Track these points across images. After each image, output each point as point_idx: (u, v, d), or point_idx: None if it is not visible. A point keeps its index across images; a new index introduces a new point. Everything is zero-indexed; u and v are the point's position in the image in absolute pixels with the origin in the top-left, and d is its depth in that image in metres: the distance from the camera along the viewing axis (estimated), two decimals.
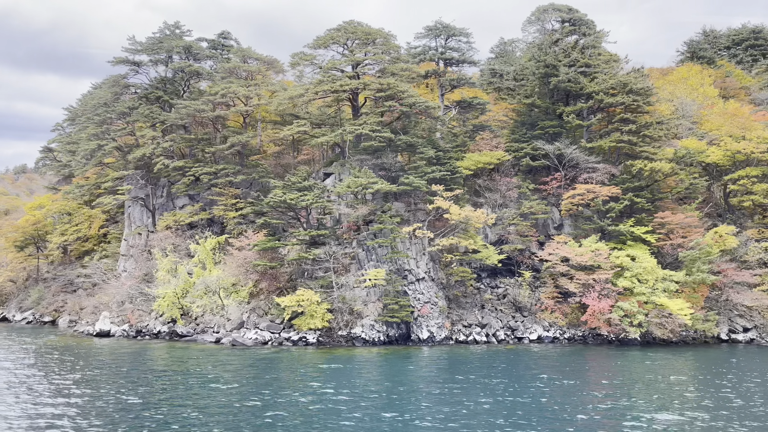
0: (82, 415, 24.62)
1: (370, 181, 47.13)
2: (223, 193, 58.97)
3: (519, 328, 52.11)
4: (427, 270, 49.73)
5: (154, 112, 61.58)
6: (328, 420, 24.16)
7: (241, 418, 24.23)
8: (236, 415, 24.66)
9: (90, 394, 28.76)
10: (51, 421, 23.48)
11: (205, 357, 40.89)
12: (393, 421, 24.05)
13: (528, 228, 55.02)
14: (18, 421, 23.46)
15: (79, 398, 27.76)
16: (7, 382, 31.75)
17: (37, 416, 24.27)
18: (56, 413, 24.74)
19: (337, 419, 24.30)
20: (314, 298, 44.78)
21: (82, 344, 49.08)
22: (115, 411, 25.32)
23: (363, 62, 51.77)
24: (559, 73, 57.52)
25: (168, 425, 23.05)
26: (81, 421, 23.57)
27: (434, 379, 33.98)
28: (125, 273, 62.91)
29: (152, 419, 23.82)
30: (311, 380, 32.72)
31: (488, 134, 62.76)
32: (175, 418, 24.00)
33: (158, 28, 67.93)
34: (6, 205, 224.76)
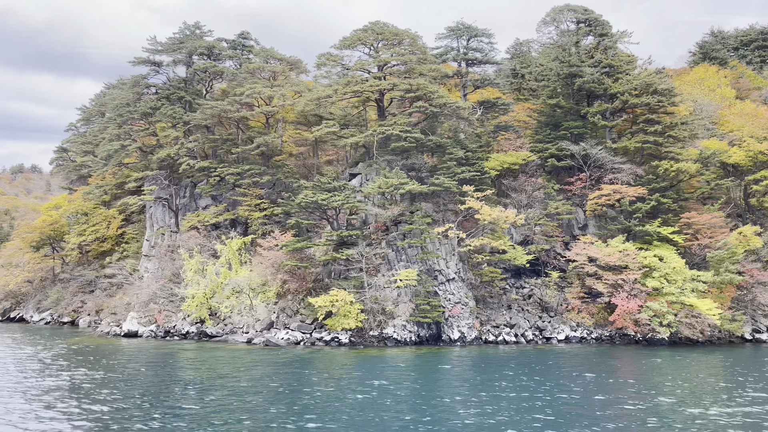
0: (149, 418, 24.67)
1: (401, 181, 47.24)
2: (247, 193, 59.02)
3: (547, 328, 52.27)
4: (456, 270, 49.88)
5: (177, 113, 61.55)
6: (391, 418, 24.24)
7: (308, 418, 24.33)
8: (302, 415, 24.77)
9: (152, 396, 28.79)
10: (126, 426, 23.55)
11: (243, 357, 40.90)
12: (448, 420, 24.13)
13: (554, 228, 55.20)
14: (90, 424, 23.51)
15: (142, 401, 27.79)
16: (68, 387, 31.76)
17: (111, 419, 24.33)
18: (110, 418, 24.81)
19: (397, 418, 24.37)
20: (348, 298, 44.88)
21: (113, 345, 49.06)
22: (181, 414, 25.37)
23: (390, 63, 51.74)
24: (584, 73, 57.71)
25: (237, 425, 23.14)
26: (154, 424, 23.62)
27: (477, 379, 34.08)
28: (147, 273, 62.88)
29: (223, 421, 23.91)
30: (360, 379, 32.80)
31: (510, 134, 62.95)
32: (239, 420, 24.09)
33: (179, 28, 67.90)
34: (6, 204, 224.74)
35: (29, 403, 26.74)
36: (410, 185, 47.19)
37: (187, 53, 64.53)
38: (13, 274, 77.07)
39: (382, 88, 50.82)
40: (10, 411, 25.04)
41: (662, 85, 56.92)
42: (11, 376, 34.03)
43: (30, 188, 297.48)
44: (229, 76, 61.99)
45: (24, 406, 25.94)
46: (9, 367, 37.05)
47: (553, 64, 59.82)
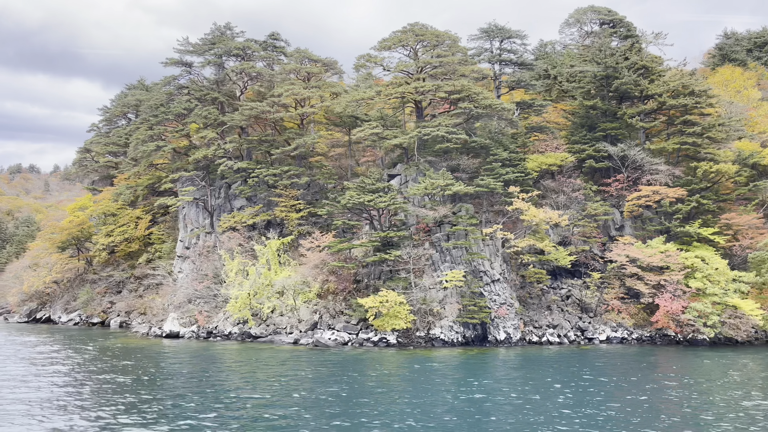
0: (255, 420, 24.72)
1: (447, 182, 47.38)
2: (283, 194, 59.12)
3: (588, 328, 52.43)
4: (501, 271, 50.02)
5: (212, 113, 61.58)
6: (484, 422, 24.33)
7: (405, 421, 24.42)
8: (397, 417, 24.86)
9: (247, 398, 28.84)
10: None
11: (301, 358, 40.92)
12: (542, 418, 24.24)
13: (593, 229, 55.41)
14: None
15: (222, 405, 27.84)
16: (150, 390, 31.77)
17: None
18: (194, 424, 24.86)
19: (493, 423, 24.45)
20: (397, 299, 44.98)
21: (158, 345, 49.06)
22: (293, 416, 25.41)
23: (433, 64, 51.82)
24: (622, 75, 57.86)
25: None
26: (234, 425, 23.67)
27: (557, 377, 34.11)
28: (182, 274, 62.90)
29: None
30: (429, 381, 32.90)
31: (542, 135, 63.10)
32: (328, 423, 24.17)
33: (210, 29, 67.95)
34: (9, 205, 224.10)
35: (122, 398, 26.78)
36: (457, 186, 47.33)
37: (220, 54, 64.56)
38: (40, 275, 76.96)
39: (426, 89, 50.92)
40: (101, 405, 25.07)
41: (699, 86, 57.16)
42: (85, 374, 34.02)
43: (28, 188, 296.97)
44: (266, 77, 61.95)
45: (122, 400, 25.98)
46: (79, 367, 37.05)
47: (589, 66, 59.97)
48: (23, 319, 78.01)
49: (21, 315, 78.60)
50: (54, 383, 31.70)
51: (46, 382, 32.14)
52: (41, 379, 33.10)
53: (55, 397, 28.08)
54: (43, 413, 24.77)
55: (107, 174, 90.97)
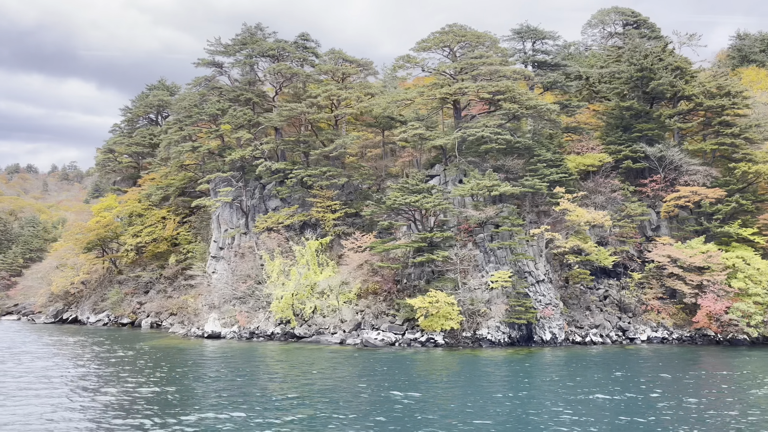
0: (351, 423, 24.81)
1: (493, 183, 47.53)
2: (320, 195, 59.22)
3: (629, 328, 52.64)
4: (545, 272, 50.21)
5: (247, 114, 61.64)
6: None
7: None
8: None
9: (346, 401, 28.88)
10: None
11: (357, 358, 40.95)
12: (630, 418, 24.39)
13: (632, 229, 55.65)
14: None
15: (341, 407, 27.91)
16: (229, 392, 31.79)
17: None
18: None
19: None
20: (447, 299, 45.11)
21: (201, 346, 49.08)
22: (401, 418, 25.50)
23: (474, 65, 51.95)
24: (658, 76, 58.09)
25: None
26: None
27: (616, 376, 34.31)
28: (216, 274, 62.94)
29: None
30: (501, 381, 33.05)
31: (576, 136, 63.26)
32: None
33: (241, 29, 67.95)
34: (11, 205, 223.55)
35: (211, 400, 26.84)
36: (503, 187, 47.48)
37: (253, 55, 64.61)
38: (67, 276, 76.86)
39: (470, 90, 51.05)
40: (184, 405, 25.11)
41: (735, 87, 57.46)
42: (143, 375, 34.05)
43: (27, 188, 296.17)
44: (302, 77, 62.02)
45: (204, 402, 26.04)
46: (131, 368, 37.07)
47: (624, 66, 60.18)
48: (50, 320, 77.92)
49: (48, 316, 78.51)
50: (140, 384, 31.72)
51: (130, 384, 32.17)
52: (130, 381, 33.11)
53: (161, 398, 28.06)
54: (157, 413, 24.84)
55: (130, 174, 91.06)
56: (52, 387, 30.71)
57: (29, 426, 22.88)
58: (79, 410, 25.49)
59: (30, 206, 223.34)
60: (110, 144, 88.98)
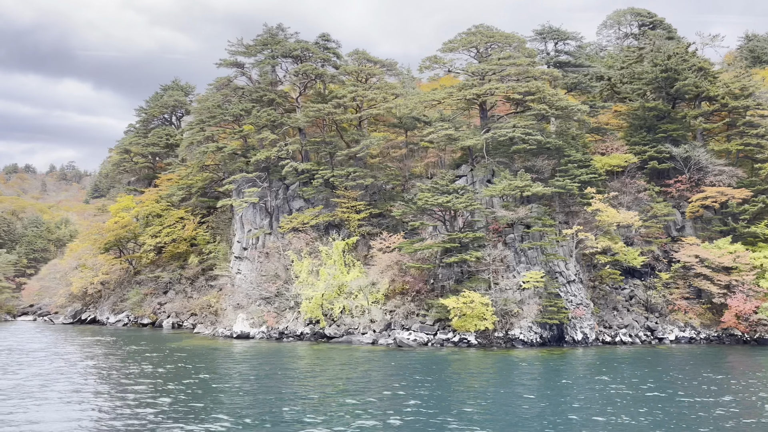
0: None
1: (526, 183, 47.67)
2: (345, 195, 59.34)
3: (657, 328, 52.83)
4: (576, 272, 50.36)
5: (272, 115, 61.68)
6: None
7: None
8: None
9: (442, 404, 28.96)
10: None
11: (400, 358, 40.76)
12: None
13: (659, 230, 55.86)
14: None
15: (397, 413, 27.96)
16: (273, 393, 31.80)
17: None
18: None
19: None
20: (482, 300, 45.24)
21: (233, 346, 49.12)
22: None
23: (503, 65, 52.07)
24: (683, 77, 58.29)
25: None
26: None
27: (673, 376, 34.34)
28: (239, 275, 62.98)
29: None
30: (552, 380, 33.20)
31: (598, 136, 63.43)
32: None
33: (262, 30, 67.92)
34: (12, 205, 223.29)
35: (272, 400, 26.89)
36: (535, 187, 47.62)
37: (276, 55, 64.63)
38: (86, 276, 76.80)
39: (500, 90, 51.18)
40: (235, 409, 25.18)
41: (761, 88, 57.71)
42: (196, 376, 34.10)
43: (25, 188, 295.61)
44: (328, 78, 62.08)
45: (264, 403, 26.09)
46: (180, 369, 37.12)
47: (650, 68, 60.37)
48: (68, 321, 77.90)
49: (66, 316, 78.47)
50: (186, 387, 31.78)
51: (177, 387, 32.21)
52: (176, 384, 33.16)
53: (215, 402, 28.11)
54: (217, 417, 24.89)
55: (145, 175, 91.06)
56: (117, 388, 30.76)
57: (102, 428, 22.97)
58: (158, 411, 25.54)
59: (32, 206, 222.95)
60: (125, 144, 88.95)
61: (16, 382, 32.36)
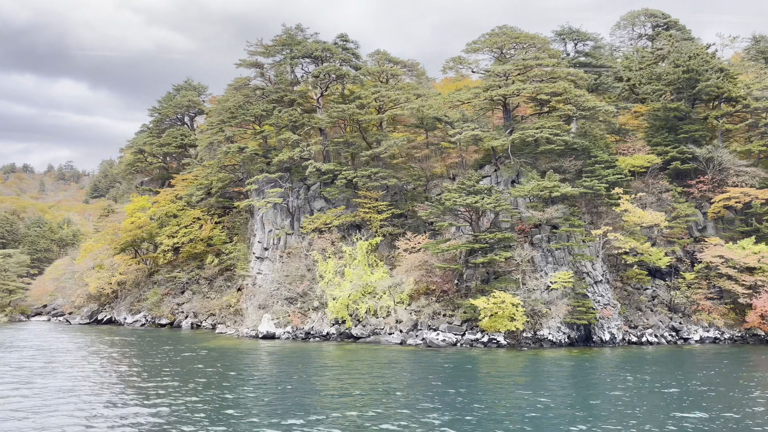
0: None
1: (554, 184, 47.81)
2: (367, 196, 59.43)
3: (682, 328, 53.03)
4: (602, 272, 50.53)
5: (293, 115, 61.74)
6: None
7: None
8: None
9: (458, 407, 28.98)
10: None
11: (435, 359, 40.84)
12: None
13: (682, 230, 56.06)
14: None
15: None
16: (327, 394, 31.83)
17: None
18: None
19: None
20: (513, 300, 45.35)
21: (261, 347, 49.15)
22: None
23: (529, 66, 52.23)
24: (706, 77, 58.50)
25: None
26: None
27: (722, 376, 34.55)
28: (260, 275, 63.00)
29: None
30: (598, 379, 33.34)
31: (617, 137, 63.60)
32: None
33: (281, 30, 67.97)
34: (13, 205, 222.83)
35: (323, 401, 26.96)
36: (564, 188, 47.77)
37: (298, 56, 64.68)
38: (103, 277, 76.69)
39: (526, 91, 51.33)
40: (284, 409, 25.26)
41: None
42: (232, 378, 34.16)
43: (23, 188, 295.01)
44: (350, 78, 62.16)
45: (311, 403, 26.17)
46: (213, 369, 37.16)
47: (669, 68, 60.58)
48: (84, 321, 77.78)
49: (83, 317, 78.34)
50: (237, 385, 31.84)
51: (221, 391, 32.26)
52: (228, 383, 33.20)
53: (271, 405, 28.14)
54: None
55: (159, 175, 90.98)
56: (159, 388, 30.81)
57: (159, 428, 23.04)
58: (211, 410, 25.60)
59: (32, 206, 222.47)
60: (139, 144, 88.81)
61: (72, 383, 32.33)
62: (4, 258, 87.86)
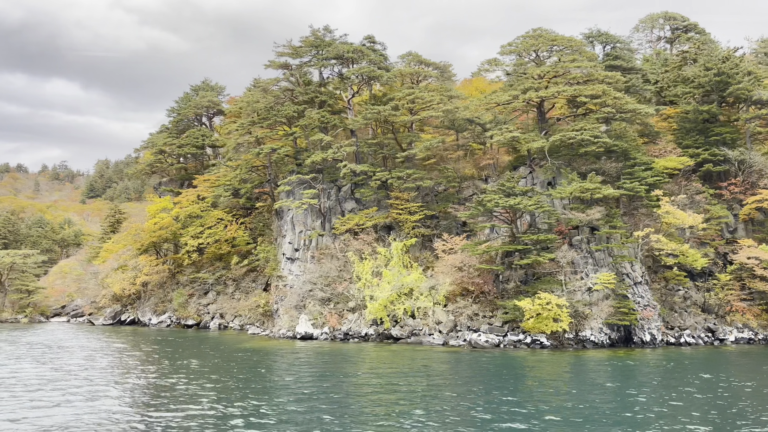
0: None
1: (596, 186, 48.12)
2: (400, 197, 59.62)
3: (718, 329, 53.45)
4: (642, 273, 50.88)
5: (325, 116, 61.85)
6: None
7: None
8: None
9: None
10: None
11: (488, 361, 40.80)
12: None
13: (716, 232, 56.53)
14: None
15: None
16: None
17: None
18: None
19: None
20: (558, 301, 45.61)
21: (301, 347, 49.20)
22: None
23: (568, 68, 52.56)
24: (737, 80, 59.03)
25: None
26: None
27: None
28: (291, 275, 63.05)
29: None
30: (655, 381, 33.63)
31: (645, 138, 64.01)
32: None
33: (309, 31, 67.97)
34: (12, 205, 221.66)
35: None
36: (606, 189, 48.09)
37: (329, 57, 64.76)
38: (127, 278, 76.48)
39: (567, 93, 51.63)
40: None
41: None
42: (307, 381, 34.23)
43: (18, 188, 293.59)
44: (385, 79, 62.33)
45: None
46: (284, 372, 37.23)
47: (700, 71, 61.05)
48: (108, 322, 77.59)
49: (106, 317, 78.16)
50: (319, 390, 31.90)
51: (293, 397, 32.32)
52: (310, 385, 33.26)
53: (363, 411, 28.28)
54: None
55: (179, 176, 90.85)
56: (254, 390, 30.87)
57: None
58: (304, 411, 25.71)
59: (31, 206, 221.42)
60: (160, 145, 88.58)
61: (166, 381, 32.40)
62: (23, 258, 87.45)
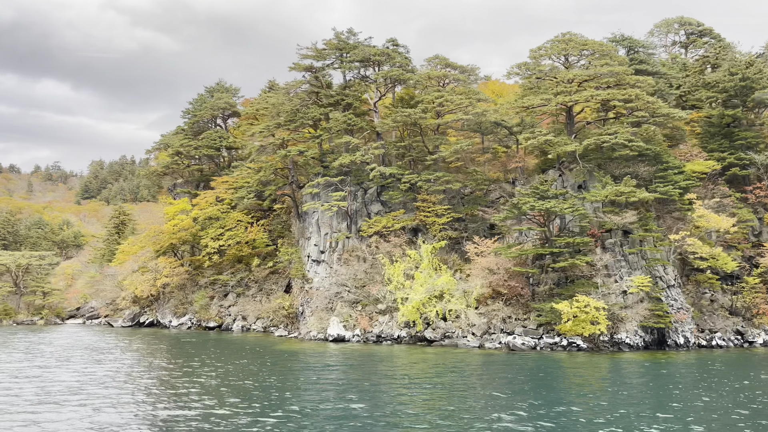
0: None
1: (631, 189, 48.45)
2: (427, 200, 59.79)
3: (747, 332, 53.88)
4: (674, 276, 51.23)
5: (352, 119, 61.95)
6: None
7: None
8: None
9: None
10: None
11: (532, 364, 40.78)
12: None
13: (743, 235, 56.99)
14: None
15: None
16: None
17: None
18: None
19: None
20: (596, 304, 45.85)
21: (336, 350, 49.24)
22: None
23: (601, 73, 52.91)
24: (763, 85, 59.62)
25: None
26: None
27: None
28: (317, 277, 63.06)
29: None
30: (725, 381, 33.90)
31: (668, 143, 64.44)
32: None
33: (333, 34, 68.02)
34: (9, 206, 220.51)
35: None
36: (640, 193, 48.42)
37: (355, 59, 64.88)
38: (147, 279, 76.19)
39: (600, 97, 51.95)
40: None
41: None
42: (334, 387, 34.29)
43: (11, 188, 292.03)
44: (413, 82, 62.49)
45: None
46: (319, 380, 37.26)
47: (724, 75, 61.59)
48: (127, 324, 77.32)
49: (125, 319, 77.88)
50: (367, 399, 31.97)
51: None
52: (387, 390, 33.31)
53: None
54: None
55: (195, 177, 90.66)
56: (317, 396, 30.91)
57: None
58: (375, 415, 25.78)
59: (28, 207, 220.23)
60: (176, 146, 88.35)
61: (213, 382, 32.37)
62: (39, 260, 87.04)
